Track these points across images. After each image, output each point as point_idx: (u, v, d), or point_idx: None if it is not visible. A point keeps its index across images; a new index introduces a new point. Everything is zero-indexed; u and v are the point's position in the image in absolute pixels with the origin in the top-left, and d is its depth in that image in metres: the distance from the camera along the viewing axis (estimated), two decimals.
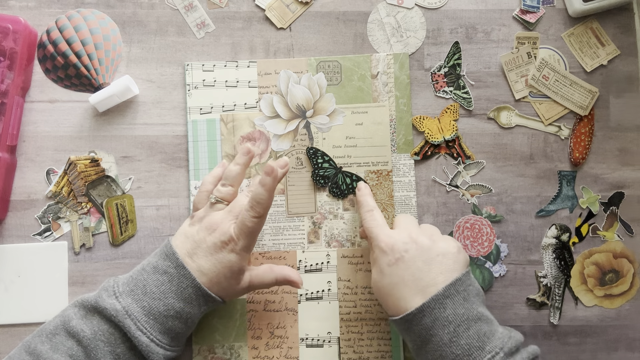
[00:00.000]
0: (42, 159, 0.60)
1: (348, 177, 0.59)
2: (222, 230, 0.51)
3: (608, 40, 0.61)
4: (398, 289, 0.48)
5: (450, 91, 0.61)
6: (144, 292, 0.48)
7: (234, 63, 0.61)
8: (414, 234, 0.50)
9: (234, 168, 0.53)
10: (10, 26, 0.57)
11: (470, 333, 0.46)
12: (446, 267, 0.48)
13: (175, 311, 0.49)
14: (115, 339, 0.47)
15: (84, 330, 0.46)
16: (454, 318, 0.46)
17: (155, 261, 0.51)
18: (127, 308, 0.47)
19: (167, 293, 0.49)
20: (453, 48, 0.61)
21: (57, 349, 0.46)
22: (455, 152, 0.60)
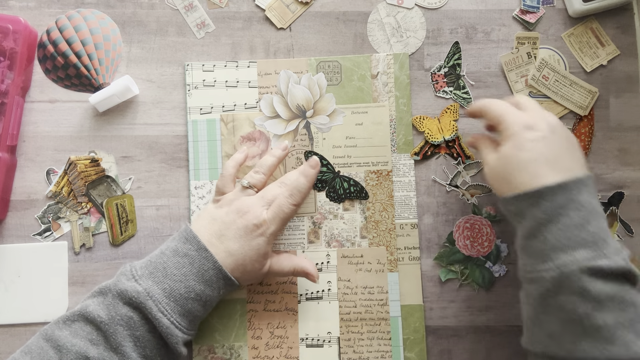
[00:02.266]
0: (42, 159, 0.60)
1: (346, 182, 0.59)
2: (254, 213, 0.52)
3: (608, 41, 0.61)
4: (535, 165, 0.46)
5: (450, 91, 0.61)
6: (165, 274, 0.49)
7: (234, 63, 0.61)
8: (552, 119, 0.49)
9: (270, 159, 0.56)
10: (10, 26, 0.57)
11: (600, 224, 0.44)
12: (581, 160, 0.48)
13: (196, 293, 0.49)
14: (134, 322, 0.47)
15: (100, 316, 0.46)
16: (588, 204, 0.45)
17: (174, 245, 0.51)
18: (148, 290, 0.47)
19: (188, 275, 0.49)
20: (453, 48, 0.61)
21: (77, 334, 0.46)
22: (455, 152, 0.60)
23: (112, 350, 0.46)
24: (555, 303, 0.43)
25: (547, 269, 0.44)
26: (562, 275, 0.43)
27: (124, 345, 0.46)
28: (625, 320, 0.41)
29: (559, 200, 0.45)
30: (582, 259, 0.42)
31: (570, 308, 0.42)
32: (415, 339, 0.58)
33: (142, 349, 0.47)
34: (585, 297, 0.42)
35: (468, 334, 0.58)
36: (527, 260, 0.46)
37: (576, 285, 0.42)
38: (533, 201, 0.46)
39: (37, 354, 0.46)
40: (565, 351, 0.43)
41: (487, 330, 0.58)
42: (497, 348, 0.58)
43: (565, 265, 0.43)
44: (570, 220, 0.44)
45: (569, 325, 0.43)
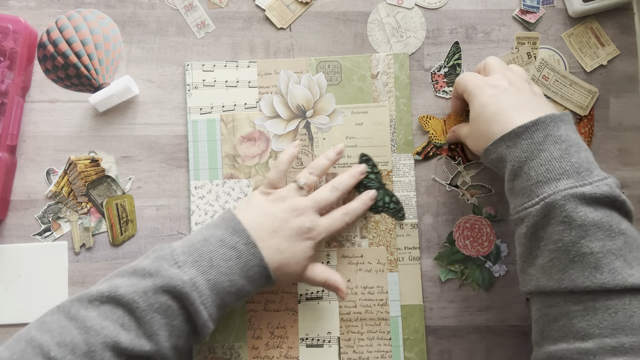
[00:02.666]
0: (42, 159, 0.60)
1: (388, 197, 0.59)
2: (309, 217, 0.52)
3: (608, 41, 0.61)
4: (505, 113, 0.48)
5: (450, 91, 0.61)
6: (210, 264, 0.47)
7: (234, 63, 0.61)
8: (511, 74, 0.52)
9: (324, 161, 0.56)
10: (10, 26, 0.57)
11: (581, 155, 0.45)
12: (549, 104, 0.50)
13: (237, 288, 0.48)
14: (172, 311, 0.45)
15: (136, 301, 0.44)
16: (566, 138, 0.45)
17: (221, 234, 0.49)
18: (194, 280, 0.45)
19: (233, 269, 0.47)
20: (453, 48, 0.61)
21: (106, 317, 0.43)
22: (457, 155, 0.60)
23: (145, 338, 0.44)
24: (544, 235, 0.44)
25: (533, 203, 0.44)
26: (547, 205, 0.43)
27: (159, 334, 0.44)
28: (613, 248, 0.41)
29: (536, 137, 0.45)
30: (565, 188, 0.43)
31: (557, 238, 0.43)
32: (415, 339, 0.58)
33: (175, 338, 0.45)
34: (570, 225, 0.42)
35: (468, 334, 0.58)
36: (515, 201, 0.47)
37: (561, 214, 0.42)
38: (511, 142, 0.47)
39: (58, 333, 0.43)
40: (555, 281, 0.43)
41: (487, 330, 0.58)
42: (497, 348, 0.58)
43: (549, 195, 0.43)
44: (550, 154, 0.45)
45: (558, 255, 0.43)
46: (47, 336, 0.42)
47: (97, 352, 0.42)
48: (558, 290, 0.42)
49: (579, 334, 0.41)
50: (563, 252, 0.42)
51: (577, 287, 0.41)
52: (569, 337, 0.41)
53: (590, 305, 0.41)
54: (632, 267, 0.41)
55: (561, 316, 0.42)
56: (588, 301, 0.41)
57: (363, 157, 0.59)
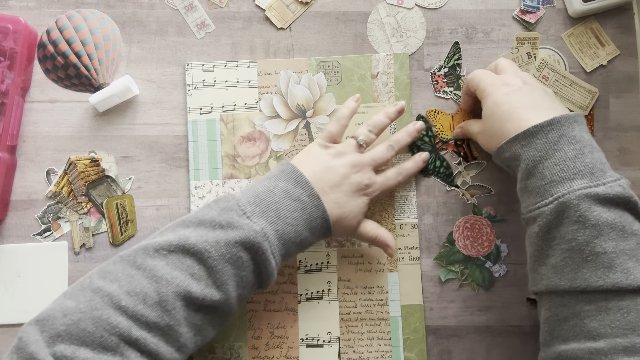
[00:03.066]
0: (42, 159, 0.60)
1: (439, 160, 0.60)
2: (367, 173, 0.53)
3: (608, 41, 0.61)
4: (519, 111, 0.48)
5: (451, 91, 0.61)
6: (277, 215, 0.47)
7: (234, 63, 0.61)
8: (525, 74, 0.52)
9: (383, 119, 0.56)
10: (10, 26, 0.57)
11: (595, 156, 0.45)
12: (561, 105, 0.50)
13: (301, 239, 0.49)
14: (242, 262, 0.45)
15: (208, 251, 0.44)
16: (581, 138, 0.45)
17: (283, 185, 0.49)
18: (264, 230, 0.46)
19: (299, 220, 0.48)
20: (453, 48, 0.61)
21: (176, 266, 0.43)
22: (462, 152, 0.60)
23: (215, 287, 0.44)
24: (558, 234, 0.44)
25: (546, 202, 0.44)
26: (561, 205, 0.43)
27: (229, 284, 0.44)
28: (626, 248, 0.41)
29: (551, 137, 0.46)
30: (579, 188, 0.43)
31: (571, 237, 0.42)
32: (415, 339, 0.58)
33: (241, 289, 0.46)
34: (584, 224, 0.42)
35: (468, 334, 0.58)
36: (528, 200, 0.47)
37: (575, 213, 0.42)
38: (526, 142, 0.47)
39: (126, 282, 0.42)
40: (567, 280, 0.42)
41: (487, 330, 0.58)
42: (497, 348, 0.58)
43: (563, 195, 0.43)
44: (564, 154, 0.45)
45: (571, 255, 0.42)
46: (115, 285, 0.42)
47: (169, 302, 0.42)
48: (570, 290, 0.42)
49: (591, 334, 0.41)
50: (576, 251, 0.42)
51: (589, 286, 0.41)
52: (580, 336, 0.41)
53: (602, 305, 0.41)
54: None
55: (572, 316, 0.42)
56: (600, 301, 0.41)
57: (420, 117, 0.60)
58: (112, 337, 0.40)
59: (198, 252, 0.43)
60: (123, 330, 0.40)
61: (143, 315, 0.41)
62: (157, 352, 0.41)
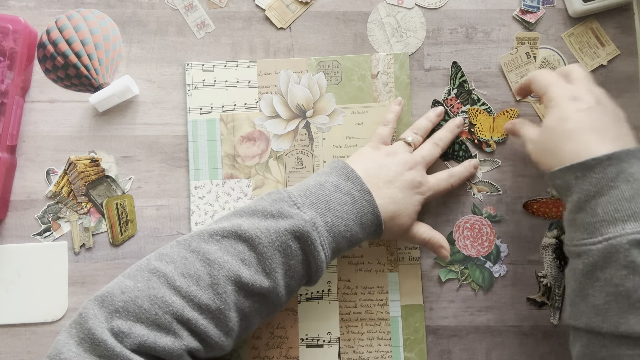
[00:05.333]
0: (42, 159, 0.60)
1: (458, 144, 0.60)
2: (420, 172, 0.53)
3: (608, 41, 0.61)
4: (581, 135, 0.45)
5: (467, 110, 0.60)
6: (328, 207, 0.47)
7: (234, 63, 0.61)
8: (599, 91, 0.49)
9: (425, 122, 0.58)
10: (10, 26, 0.57)
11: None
12: (629, 132, 0.47)
13: (351, 234, 0.48)
14: (291, 251, 0.45)
15: (259, 237, 0.44)
16: (639, 177, 0.43)
17: (334, 180, 0.50)
18: (314, 220, 0.46)
19: (349, 214, 0.48)
20: (453, 68, 0.60)
21: (228, 251, 0.44)
22: (476, 140, 0.60)
23: (264, 274, 0.44)
24: (603, 276, 0.42)
25: (595, 242, 0.43)
26: (611, 248, 0.41)
27: (277, 271, 0.45)
28: None
29: (609, 172, 0.43)
30: (632, 232, 0.41)
31: (617, 282, 0.41)
32: (415, 339, 0.58)
33: (289, 278, 0.46)
34: (634, 270, 0.41)
35: (468, 334, 0.58)
36: (574, 233, 0.45)
37: (625, 258, 0.41)
38: (581, 174, 0.44)
39: (181, 264, 0.43)
40: (611, 324, 0.41)
41: (487, 330, 0.58)
42: (497, 348, 0.58)
43: (614, 237, 0.41)
44: (620, 192, 0.42)
45: (616, 299, 0.41)
46: (171, 267, 0.43)
47: (220, 285, 0.43)
48: (613, 334, 0.41)
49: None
50: (623, 296, 0.41)
51: (635, 332, 0.40)
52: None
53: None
54: None
55: (610, 358, 0.42)
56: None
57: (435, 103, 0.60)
58: (166, 315, 0.41)
59: (249, 238, 0.44)
60: (176, 309, 0.41)
61: (196, 296, 0.42)
62: (206, 333, 0.42)
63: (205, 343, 0.43)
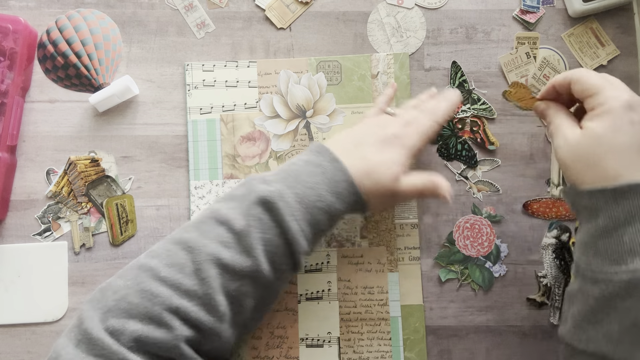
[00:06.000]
0: (42, 159, 0.60)
1: (460, 144, 0.59)
2: (394, 126, 0.51)
3: (608, 41, 0.61)
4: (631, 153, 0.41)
5: (469, 108, 0.60)
6: (296, 180, 0.47)
7: (234, 63, 0.61)
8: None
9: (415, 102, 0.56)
10: (10, 26, 0.57)
11: None
12: None
13: (326, 204, 0.47)
14: (264, 223, 0.45)
15: (235, 217, 0.45)
16: None
17: (305, 157, 0.49)
18: (280, 191, 0.45)
19: (320, 184, 0.47)
20: (453, 68, 0.61)
21: (207, 236, 0.44)
22: (479, 137, 0.60)
23: (245, 254, 0.44)
24: (622, 306, 0.40)
25: (618, 271, 0.40)
26: (636, 281, 0.40)
27: (256, 248, 0.44)
28: None
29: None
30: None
31: (636, 314, 0.40)
32: (415, 339, 0.58)
33: (271, 254, 0.45)
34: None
35: (468, 334, 0.58)
36: (594, 259, 0.43)
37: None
38: (613, 199, 0.41)
39: (165, 256, 0.44)
40: (624, 354, 0.40)
41: (487, 330, 0.58)
42: (497, 348, 0.58)
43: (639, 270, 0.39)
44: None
45: (632, 330, 0.40)
46: (156, 260, 0.44)
47: (203, 270, 0.43)
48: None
49: None
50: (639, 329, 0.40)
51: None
52: None
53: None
54: None
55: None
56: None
57: None
58: (155, 306, 0.41)
59: (226, 220, 0.45)
60: (165, 299, 0.42)
61: (181, 283, 0.42)
62: (198, 320, 0.42)
63: (199, 330, 0.43)
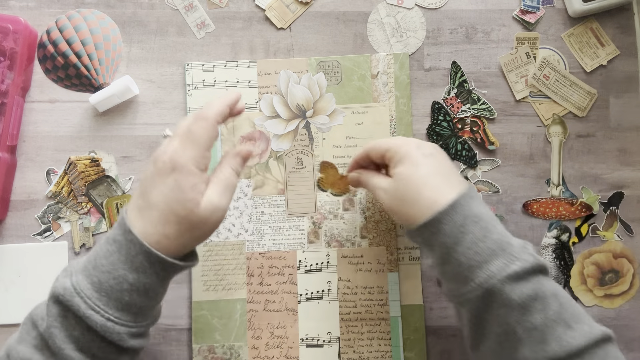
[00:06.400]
0: (42, 159, 0.60)
1: (460, 144, 0.59)
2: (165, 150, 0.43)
3: (608, 41, 0.61)
4: (435, 178, 0.46)
5: (469, 108, 0.60)
6: (94, 265, 0.42)
7: (234, 63, 0.61)
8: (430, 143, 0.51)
9: None
10: (10, 26, 0.57)
11: (498, 229, 0.45)
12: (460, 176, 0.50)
13: (129, 284, 0.42)
14: (68, 322, 0.42)
15: (42, 318, 0.42)
16: (481, 215, 0.45)
17: (110, 231, 0.44)
18: (76, 285, 0.42)
19: (116, 264, 0.42)
20: (453, 68, 0.61)
21: (23, 340, 0.43)
22: (479, 137, 0.60)
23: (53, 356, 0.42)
24: (489, 318, 0.44)
25: (470, 290, 0.44)
26: (487, 292, 0.43)
27: (64, 348, 0.41)
28: (552, 316, 0.42)
29: (457, 220, 0.44)
30: (498, 270, 0.42)
31: (501, 321, 0.43)
32: (415, 339, 0.58)
33: (86, 350, 0.42)
34: (510, 306, 0.42)
35: None
36: (449, 284, 0.47)
37: (501, 297, 0.42)
38: (435, 229, 0.45)
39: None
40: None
41: None
42: None
43: (486, 281, 0.43)
44: (473, 235, 0.44)
45: (507, 338, 0.43)
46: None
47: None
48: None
49: None
50: (510, 333, 0.43)
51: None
52: None
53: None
54: (572, 328, 0.42)
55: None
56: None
57: (436, 104, 0.60)
58: None
59: (35, 321, 0.43)
60: None
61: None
62: None
63: None
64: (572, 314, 0.43)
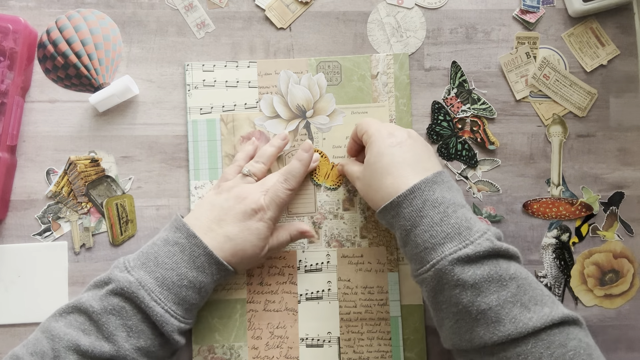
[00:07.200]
0: (42, 159, 0.60)
1: (460, 144, 0.59)
2: (252, 199, 0.53)
3: (608, 40, 0.61)
4: (397, 168, 0.49)
5: (469, 108, 0.60)
6: (156, 263, 0.49)
7: (234, 63, 0.61)
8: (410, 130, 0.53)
9: (269, 148, 0.57)
10: (10, 26, 0.57)
11: (459, 214, 0.46)
12: (437, 161, 0.52)
13: (189, 280, 0.49)
14: (126, 312, 0.47)
15: (92, 306, 0.47)
16: (442, 200, 0.47)
17: (165, 235, 0.51)
18: (140, 280, 0.48)
19: (179, 263, 0.49)
20: (453, 68, 0.61)
21: (71, 325, 0.47)
22: (479, 137, 0.60)
23: (104, 339, 0.46)
24: (443, 299, 0.45)
25: (425, 270, 0.46)
26: (439, 272, 0.45)
27: (116, 334, 0.46)
28: (508, 297, 0.43)
29: (415, 204, 0.47)
30: (449, 252, 0.44)
31: (456, 301, 0.44)
32: (415, 339, 0.58)
33: (135, 339, 0.47)
34: (464, 286, 0.43)
35: None
36: (411, 265, 0.49)
37: (452, 278, 0.44)
38: (395, 212, 0.48)
39: (32, 344, 0.47)
40: (466, 342, 0.45)
41: None
42: None
43: (438, 262, 0.44)
44: (431, 219, 0.46)
45: (462, 317, 0.44)
46: (24, 349, 0.47)
47: (62, 356, 0.45)
48: (473, 349, 0.44)
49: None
50: (465, 313, 0.44)
51: (486, 343, 0.43)
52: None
53: (502, 355, 0.43)
54: (529, 309, 0.43)
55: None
56: (500, 352, 0.43)
57: (436, 104, 0.60)
58: None
59: (85, 309, 0.47)
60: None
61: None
62: None
63: None
64: (532, 297, 0.44)
